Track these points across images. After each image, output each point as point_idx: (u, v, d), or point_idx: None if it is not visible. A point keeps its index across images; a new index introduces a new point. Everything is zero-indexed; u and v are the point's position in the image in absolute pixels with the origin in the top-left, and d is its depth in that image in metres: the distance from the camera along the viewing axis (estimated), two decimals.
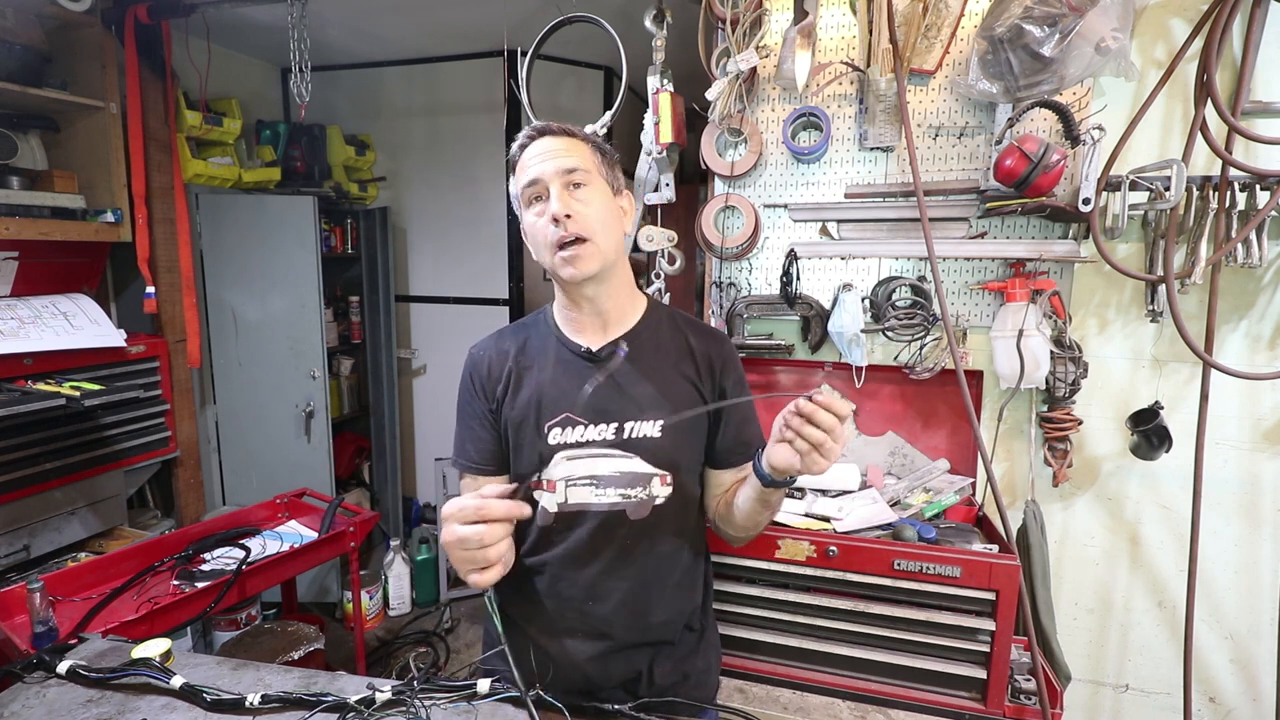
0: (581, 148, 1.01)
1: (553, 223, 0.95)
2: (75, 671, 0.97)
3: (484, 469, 1.06)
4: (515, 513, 0.79)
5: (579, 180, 0.97)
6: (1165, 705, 1.66)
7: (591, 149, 1.02)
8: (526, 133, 1.02)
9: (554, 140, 0.99)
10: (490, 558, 0.79)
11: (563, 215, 0.94)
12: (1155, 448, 1.50)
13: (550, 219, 0.95)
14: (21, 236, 1.99)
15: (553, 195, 0.96)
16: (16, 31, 2.00)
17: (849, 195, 1.67)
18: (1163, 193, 1.39)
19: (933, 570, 1.29)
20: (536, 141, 1.00)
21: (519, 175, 1.00)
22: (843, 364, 1.71)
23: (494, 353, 1.07)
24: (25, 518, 2.00)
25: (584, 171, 0.98)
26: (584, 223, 0.96)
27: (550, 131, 1.01)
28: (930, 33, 1.51)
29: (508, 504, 0.79)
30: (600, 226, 0.97)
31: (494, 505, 0.78)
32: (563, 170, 0.96)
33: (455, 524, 0.79)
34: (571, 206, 0.95)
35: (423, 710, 0.89)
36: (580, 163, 0.98)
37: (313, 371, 2.91)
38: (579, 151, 1.00)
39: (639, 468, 1.00)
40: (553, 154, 0.98)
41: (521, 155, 1.01)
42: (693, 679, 1.09)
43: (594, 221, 0.96)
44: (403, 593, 3.08)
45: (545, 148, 0.98)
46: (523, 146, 1.01)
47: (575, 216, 0.95)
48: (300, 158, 3.08)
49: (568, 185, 0.97)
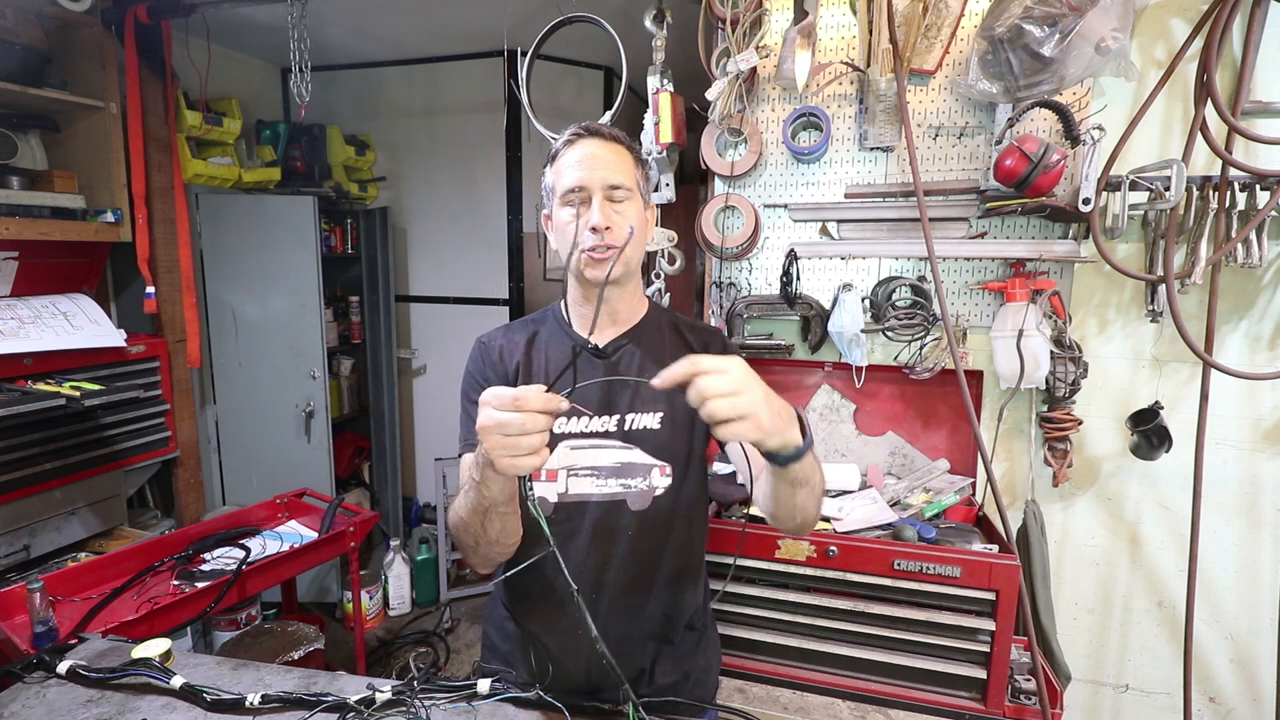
0: (626, 159, 1.02)
1: (590, 230, 0.97)
2: (75, 671, 0.97)
3: None
4: (553, 405, 0.75)
5: (620, 196, 0.99)
6: (1165, 705, 1.66)
7: (634, 160, 1.04)
8: (575, 130, 1.02)
9: (603, 147, 1.00)
10: (532, 444, 0.74)
11: (603, 227, 0.97)
12: (1155, 448, 1.50)
13: (590, 227, 0.97)
14: (21, 236, 1.99)
15: (594, 205, 0.98)
16: (16, 31, 2.00)
17: (849, 195, 1.67)
18: (1163, 193, 1.39)
19: (933, 570, 1.29)
20: (584, 141, 1.00)
21: (562, 173, 1.00)
22: (843, 364, 1.71)
23: (504, 341, 1.10)
24: (25, 518, 1.99)
25: (627, 189, 1.00)
26: (619, 235, 0.98)
27: (600, 135, 1.01)
28: (930, 33, 1.51)
29: (546, 395, 0.75)
30: (632, 239, 1.00)
31: (531, 394, 0.74)
32: (608, 185, 0.98)
33: (493, 408, 0.74)
34: (611, 219, 0.98)
35: (423, 710, 0.89)
36: (625, 179, 1.00)
37: (313, 371, 2.91)
38: (625, 164, 1.01)
39: (639, 458, 1.02)
40: (600, 163, 0.99)
41: (567, 152, 1.01)
42: (693, 678, 1.10)
43: (627, 234, 0.99)
44: (403, 593, 3.08)
45: (594, 153, 0.99)
46: (569, 143, 1.01)
47: (614, 229, 0.98)
48: (300, 158, 3.08)
49: (608, 198, 0.99)
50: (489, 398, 0.75)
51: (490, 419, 0.74)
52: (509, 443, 0.73)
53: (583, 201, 0.99)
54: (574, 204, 0.99)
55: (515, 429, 0.73)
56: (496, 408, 0.74)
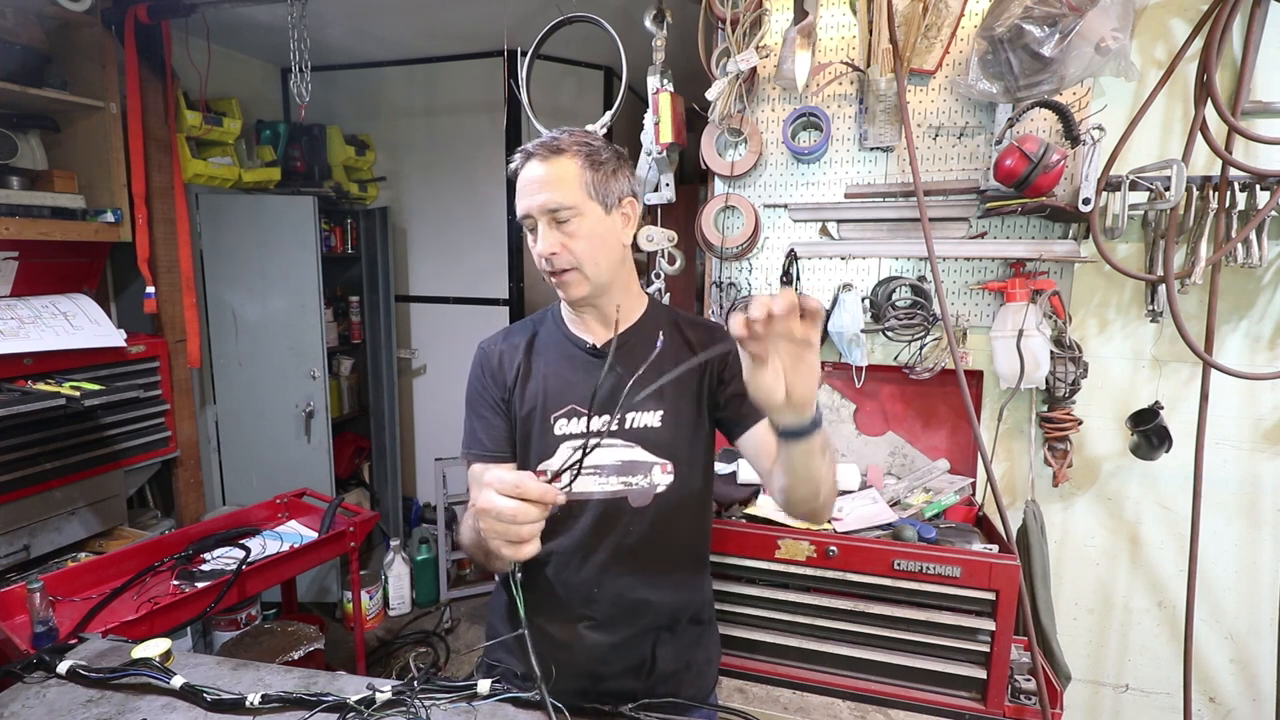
0: (569, 171, 0.97)
1: (540, 257, 0.99)
2: (75, 671, 0.97)
3: (497, 455, 1.07)
4: (550, 496, 0.77)
5: (564, 217, 0.97)
6: (1165, 705, 1.66)
7: (581, 166, 0.98)
8: (518, 154, 1.00)
9: (541, 166, 0.97)
10: (524, 534, 0.77)
11: (548, 254, 0.97)
12: (1155, 448, 1.50)
13: (538, 254, 0.99)
14: (21, 236, 1.99)
15: (540, 232, 0.98)
16: (16, 31, 2.00)
17: (849, 195, 1.67)
18: (1163, 193, 1.39)
19: (933, 570, 1.29)
20: (528, 164, 0.99)
21: (517, 200, 1.01)
22: (843, 364, 1.71)
23: (504, 346, 1.11)
24: (25, 518, 1.99)
25: (568, 209, 0.96)
26: (570, 257, 0.98)
27: (537, 155, 0.98)
28: (930, 33, 1.51)
29: (544, 486, 0.77)
30: (588, 256, 0.98)
31: (531, 484, 0.76)
32: (547, 210, 0.97)
33: (493, 493, 0.76)
34: (556, 243, 0.97)
35: (423, 710, 0.89)
36: (565, 198, 0.96)
37: (313, 371, 2.91)
38: (566, 178, 0.97)
39: (640, 456, 1.03)
40: (539, 186, 0.97)
41: (517, 178, 1.01)
42: (694, 669, 1.11)
43: (580, 253, 0.98)
44: (403, 593, 3.08)
45: (532, 177, 0.98)
46: (516, 169, 1.01)
47: (560, 253, 0.97)
48: (300, 158, 3.08)
49: (552, 222, 0.97)
50: (492, 480, 0.77)
51: (489, 503, 0.76)
52: (502, 529, 0.76)
53: (533, 228, 0.99)
54: (529, 229, 1.01)
55: (508, 517, 0.75)
56: (499, 491, 0.76)
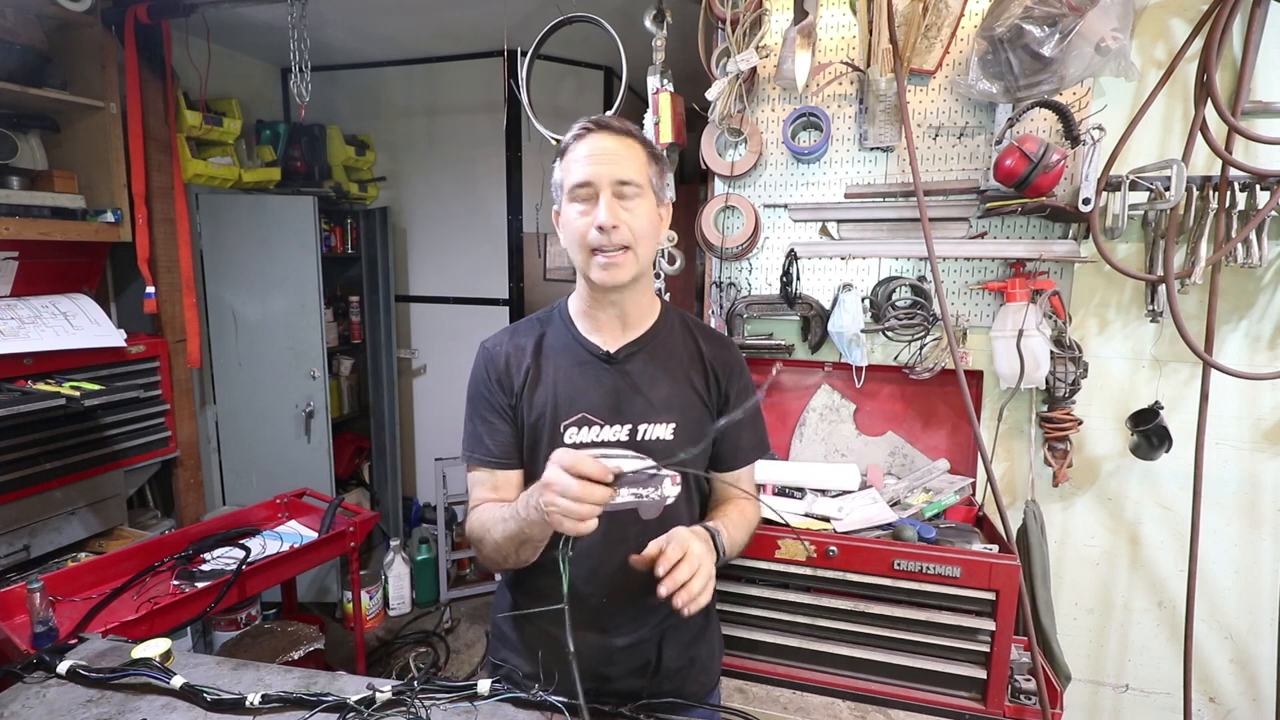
0: (638, 153, 0.98)
1: (597, 229, 0.94)
2: (75, 671, 0.98)
3: (504, 463, 1.04)
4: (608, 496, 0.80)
5: (630, 193, 0.95)
6: (1165, 705, 1.66)
7: (647, 155, 0.99)
8: (584, 123, 0.98)
9: (613, 140, 0.96)
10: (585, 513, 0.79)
11: (610, 226, 0.93)
12: (1155, 448, 1.50)
13: (596, 226, 0.94)
14: (21, 236, 1.99)
15: (602, 202, 0.94)
16: (16, 31, 2.00)
17: (849, 195, 1.67)
18: (1163, 193, 1.39)
19: (933, 570, 1.29)
20: (594, 135, 0.97)
21: (570, 169, 0.97)
22: (843, 364, 1.71)
23: (510, 347, 1.06)
24: (25, 518, 1.99)
25: (637, 186, 0.96)
26: (628, 234, 0.95)
27: (610, 128, 0.97)
28: (930, 33, 1.51)
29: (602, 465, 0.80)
30: (642, 238, 0.97)
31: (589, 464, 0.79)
32: (617, 180, 0.94)
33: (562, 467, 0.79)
34: (620, 217, 0.94)
35: (423, 710, 0.89)
36: (635, 174, 0.96)
37: (313, 371, 2.91)
38: (636, 159, 0.97)
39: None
40: (610, 158, 0.95)
41: (576, 146, 0.97)
42: (699, 664, 1.12)
43: (639, 232, 0.96)
44: (403, 593, 3.08)
45: (603, 147, 0.95)
46: (578, 137, 0.98)
47: (621, 228, 0.94)
48: (300, 158, 3.08)
49: (617, 195, 0.95)
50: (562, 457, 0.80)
51: (557, 480, 0.79)
52: (567, 506, 0.78)
53: (590, 198, 0.95)
54: (581, 200, 0.96)
55: (575, 495, 0.78)
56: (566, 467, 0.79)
